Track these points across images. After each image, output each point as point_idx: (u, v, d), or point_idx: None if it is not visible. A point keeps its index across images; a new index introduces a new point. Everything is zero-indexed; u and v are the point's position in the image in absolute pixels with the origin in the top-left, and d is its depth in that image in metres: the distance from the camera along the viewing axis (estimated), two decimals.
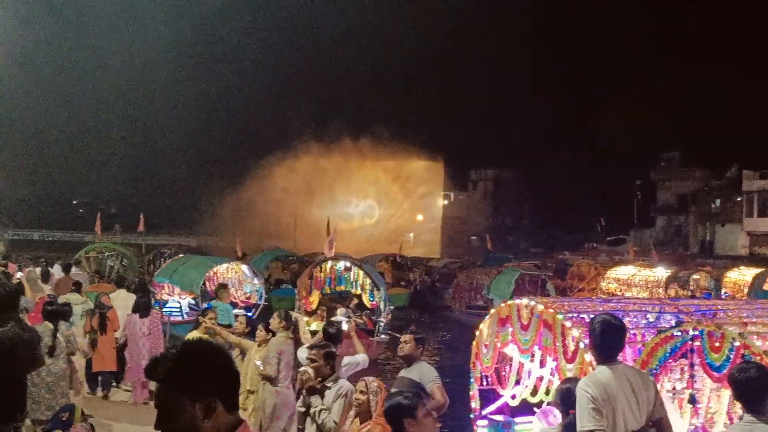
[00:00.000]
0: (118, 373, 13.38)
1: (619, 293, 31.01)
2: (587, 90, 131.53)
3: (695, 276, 34.16)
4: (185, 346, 2.51)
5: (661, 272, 34.22)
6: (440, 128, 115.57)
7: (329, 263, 22.07)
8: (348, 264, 22.41)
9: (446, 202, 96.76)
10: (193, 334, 9.57)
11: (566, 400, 5.84)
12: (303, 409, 6.88)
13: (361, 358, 9.00)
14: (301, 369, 6.93)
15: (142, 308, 13.08)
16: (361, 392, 6.06)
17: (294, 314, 10.14)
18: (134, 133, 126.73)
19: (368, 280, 21.90)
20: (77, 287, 16.04)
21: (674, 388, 6.77)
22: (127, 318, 12.92)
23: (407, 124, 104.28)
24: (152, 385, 14.24)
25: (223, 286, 17.26)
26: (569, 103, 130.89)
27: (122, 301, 14.53)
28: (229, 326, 11.85)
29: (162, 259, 32.76)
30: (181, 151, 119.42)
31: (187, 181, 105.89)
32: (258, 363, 8.93)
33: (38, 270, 20.24)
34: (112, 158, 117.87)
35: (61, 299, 12.72)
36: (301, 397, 7.02)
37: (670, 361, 6.54)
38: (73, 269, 22.71)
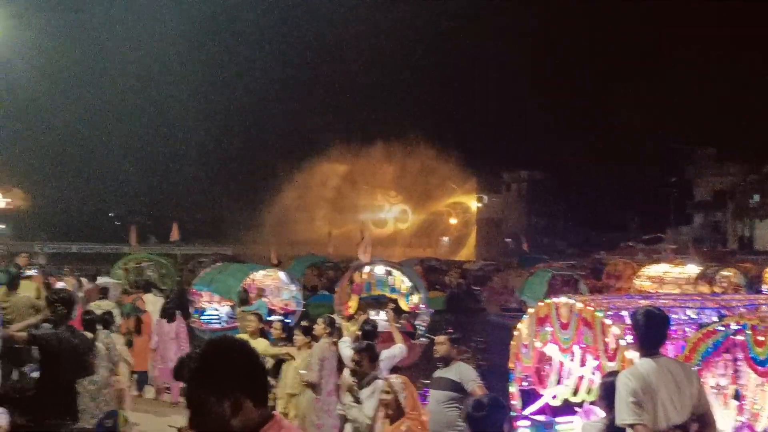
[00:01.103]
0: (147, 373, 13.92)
1: (652, 291, 30.74)
2: (620, 88, 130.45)
3: (725, 272, 33.76)
4: (207, 346, 2.52)
5: (692, 269, 34.14)
6: (473, 130, 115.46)
7: (367, 268, 22.21)
8: (389, 268, 22.59)
9: (480, 204, 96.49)
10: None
11: (610, 393, 5.79)
12: (342, 412, 6.92)
13: (398, 350, 9.01)
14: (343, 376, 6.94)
15: (169, 314, 13.75)
16: (386, 392, 6.04)
17: (337, 320, 10.15)
18: (168, 147, 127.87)
19: (408, 284, 22.10)
20: (104, 293, 16.29)
21: (718, 384, 6.71)
22: (156, 323, 13.63)
23: (439, 127, 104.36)
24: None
25: (246, 292, 17.49)
26: (602, 102, 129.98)
27: (151, 305, 15.14)
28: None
29: (200, 268, 32.94)
30: (213, 162, 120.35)
31: (220, 191, 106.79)
32: (301, 372, 8.95)
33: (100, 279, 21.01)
34: (147, 172, 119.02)
35: (92, 306, 13.03)
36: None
37: (713, 356, 6.48)
38: (101, 278, 22.98)
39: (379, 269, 22.56)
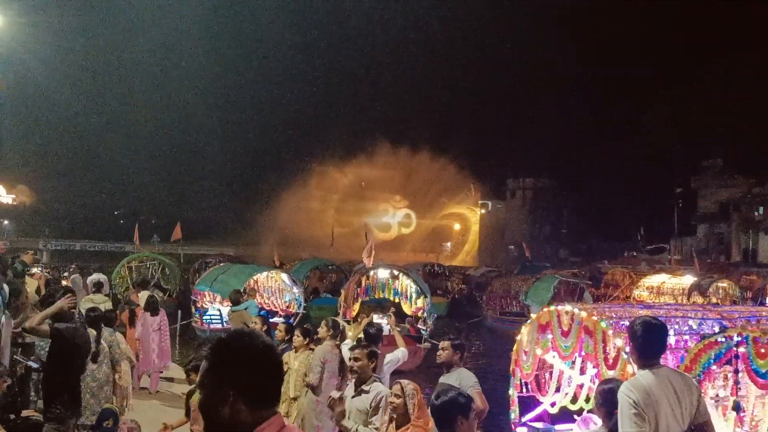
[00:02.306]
0: None
1: (649, 301, 30.88)
2: (626, 98, 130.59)
3: (722, 284, 33.99)
4: (215, 342, 2.48)
5: (689, 280, 34.64)
6: (478, 139, 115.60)
7: (372, 272, 22.31)
8: (396, 272, 22.68)
9: (484, 211, 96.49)
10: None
11: (608, 401, 5.78)
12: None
13: (401, 354, 9.04)
14: (333, 394, 6.92)
15: (152, 307, 14.46)
16: (397, 396, 6.03)
17: (341, 322, 10.15)
18: (173, 148, 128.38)
19: (414, 288, 22.21)
20: (98, 288, 17.18)
21: (717, 395, 6.71)
22: (141, 315, 14.36)
23: (444, 134, 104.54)
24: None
25: (238, 292, 17.82)
26: (608, 112, 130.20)
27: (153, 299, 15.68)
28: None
29: (206, 268, 33.05)
30: (218, 164, 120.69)
31: (223, 193, 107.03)
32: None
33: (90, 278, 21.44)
34: (151, 171, 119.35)
35: (85, 300, 13.90)
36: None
37: (714, 367, 6.49)
38: (96, 274, 23.31)
39: (383, 273, 22.61)
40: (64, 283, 14.21)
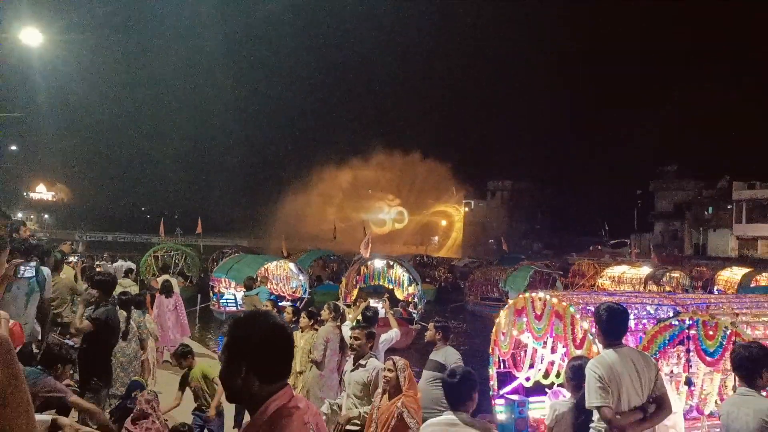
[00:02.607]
0: None
1: (611, 289, 31.06)
2: (595, 113, 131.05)
3: (674, 274, 34.15)
4: (233, 321, 2.47)
5: (646, 271, 34.84)
6: (463, 145, 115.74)
7: (369, 262, 22.36)
8: (391, 262, 22.78)
9: (467, 209, 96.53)
10: None
11: (577, 376, 5.81)
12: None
13: (394, 334, 9.06)
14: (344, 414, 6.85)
15: (166, 290, 14.78)
16: (389, 370, 6.05)
17: (342, 306, 10.15)
18: (194, 154, 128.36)
19: (406, 276, 22.30)
20: (127, 273, 17.72)
21: (672, 372, 6.74)
22: (157, 297, 14.55)
23: (433, 140, 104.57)
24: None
25: (251, 278, 18.23)
26: (579, 124, 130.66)
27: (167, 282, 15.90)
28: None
29: (222, 258, 33.04)
30: (233, 167, 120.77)
31: (238, 192, 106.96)
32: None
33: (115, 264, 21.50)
34: (175, 173, 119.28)
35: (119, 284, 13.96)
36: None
37: (669, 347, 6.52)
38: (121, 261, 23.47)
39: (379, 263, 22.67)
40: (98, 270, 14.13)
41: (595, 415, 5.06)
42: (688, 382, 6.76)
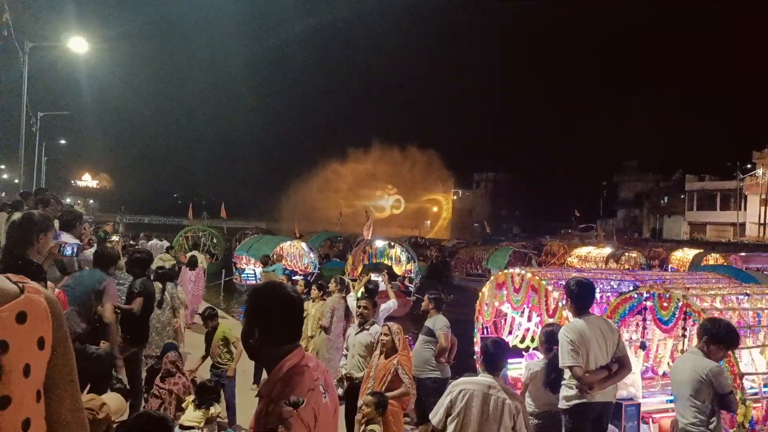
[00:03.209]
0: None
1: (579, 266, 31.15)
2: (566, 113, 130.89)
3: (633, 254, 34.20)
4: (251, 290, 2.50)
5: (608, 251, 35.07)
6: (452, 140, 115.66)
7: (373, 243, 22.58)
8: (392, 243, 22.97)
9: (455, 197, 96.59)
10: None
11: (548, 340, 5.85)
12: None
13: (392, 304, 9.08)
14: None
15: (191, 263, 15.21)
16: (385, 334, 6.09)
17: (347, 280, 10.18)
18: (220, 146, 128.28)
19: (405, 255, 22.46)
20: (167, 250, 18.75)
21: (631, 338, 6.78)
22: (182, 269, 15.06)
23: (426, 136, 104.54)
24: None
25: (267, 256, 18.82)
26: (553, 123, 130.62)
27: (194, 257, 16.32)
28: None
29: (244, 238, 33.06)
30: (254, 159, 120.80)
31: (258, 181, 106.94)
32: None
33: (153, 243, 22.48)
34: (203, 164, 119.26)
35: (157, 259, 14.80)
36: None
37: (629, 317, 6.54)
38: (154, 240, 23.91)
39: (380, 243, 22.83)
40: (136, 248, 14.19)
41: (566, 374, 5.10)
42: (643, 346, 6.82)
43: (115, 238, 18.55)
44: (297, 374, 2.27)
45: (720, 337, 4.76)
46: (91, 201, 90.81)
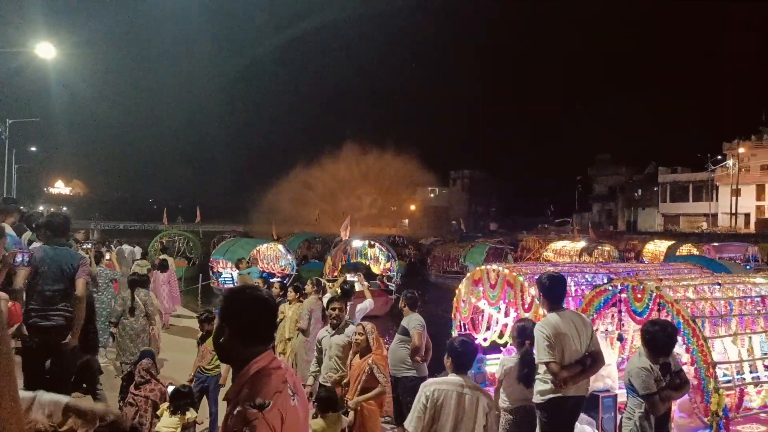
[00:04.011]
0: None
1: (554, 261, 31.38)
2: (540, 110, 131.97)
3: (606, 247, 34.53)
4: (226, 292, 2.54)
5: (582, 245, 35.36)
6: (428, 137, 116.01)
7: (353, 244, 22.57)
8: (372, 242, 22.96)
9: (432, 195, 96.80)
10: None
11: (521, 334, 5.86)
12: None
13: (369, 303, 9.06)
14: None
15: (162, 267, 15.50)
16: (359, 334, 6.06)
17: (323, 281, 10.12)
18: (194, 151, 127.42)
19: (385, 254, 22.51)
20: (143, 256, 18.93)
21: (607, 330, 6.80)
22: (154, 273, 15.15)
23: (402, 135, 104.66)
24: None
25: (241, 260, 18.62)
26: (527, 120, 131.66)
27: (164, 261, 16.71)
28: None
29: (223, 241, 32.86)
30: (229, 163, 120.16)
31: (234, 182, 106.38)
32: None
33: (124, 247, 23.01)
34: (177, 168, 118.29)
35: (135, 264, 15.56)
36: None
37: (604, 309, 6.56)
38: (126, 245, 24.36)
39: (357, 243, 22.81)
40: (108, 256, 13.88)
41: (541, 368, 5.10)
42: (620, 338, 6.85)
43: (87, 245, 18.30)
44: (264, 376, 2.25)
45: (645, 342, 4.90)
46: (65, 208, 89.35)
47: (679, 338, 5.57)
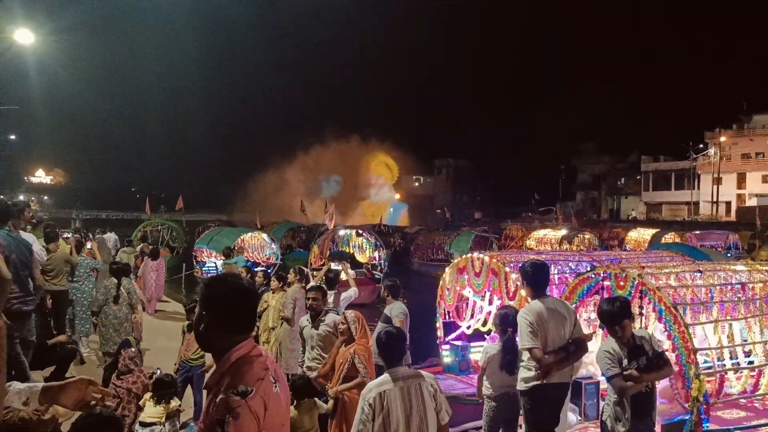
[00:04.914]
0: None
1: (536, 249, 31.56)
2: (525, 96, 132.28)
3: (587, 235, 34.72)
4: (208, 279, 2.52)
5: (563, 233, 35.40)
6: (412, 126, 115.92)
7: (341, 233, 22.59)
8: (360, 231, 22.98)
9: (417, 184, 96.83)
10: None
11: (504, 321, 5.89)
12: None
13: (353, 292, 9.06)
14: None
15: (153, 254, 15.89)
16: (342, 323, 6.04)
17: (306, 269, 10.09)
18: (177, 139, 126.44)
19: (371, 242, 22.53)
20: (129, 244, 19.29)
21: (590, 317, 6.85)
22: (144, 260, 15.73)
23: (386, 124, 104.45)
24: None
25: (228, 248, 18.85)
26: (512, 109, 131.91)
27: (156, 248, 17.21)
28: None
29: (207, 231, 32.72)
30: (212, 150, 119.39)
31: (217, 171, 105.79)
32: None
33: (107, 236, 22.82)
34: (160, 157, 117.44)
35: (120, 252, 16.30)
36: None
37: (587, 297, 6.61)
38: (107, 234, 24.35)
39: (343, 232, 22.86)
40: (89, 245, 13.60)
41: (525, 355, 5.13)
42: (602, 326, 6.89)
43: (68, 235, 18.12)
44: (246, 364, 2.24)
45: (599, 316, 5.03)
46: (46, 197, 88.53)
47: (661, 325, 5.64)
